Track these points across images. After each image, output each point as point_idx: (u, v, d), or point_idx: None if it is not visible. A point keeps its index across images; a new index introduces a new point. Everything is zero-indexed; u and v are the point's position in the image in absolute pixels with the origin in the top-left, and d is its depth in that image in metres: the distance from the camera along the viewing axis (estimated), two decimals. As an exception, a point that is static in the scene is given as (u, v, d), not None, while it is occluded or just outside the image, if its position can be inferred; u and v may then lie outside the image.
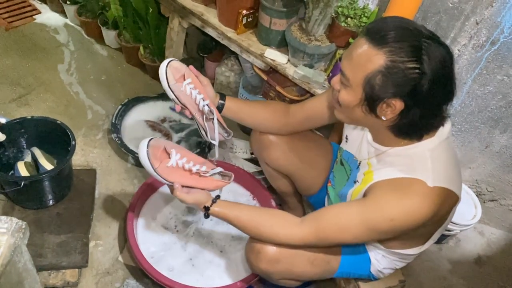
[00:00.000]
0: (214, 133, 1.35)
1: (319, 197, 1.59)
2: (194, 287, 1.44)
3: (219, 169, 1.31)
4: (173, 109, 2.16)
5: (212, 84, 2.19)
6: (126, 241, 1.68)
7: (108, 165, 1.95)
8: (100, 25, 2.42)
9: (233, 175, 1.34)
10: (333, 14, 1.60)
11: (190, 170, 1.25)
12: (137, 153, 1.24)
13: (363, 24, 1.56)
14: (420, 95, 0.98)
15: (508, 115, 1.65)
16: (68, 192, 1.73)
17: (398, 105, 1.00)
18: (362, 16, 1.56)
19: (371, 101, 1.02)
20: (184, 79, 1.30)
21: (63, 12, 2.63)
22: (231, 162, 1.93)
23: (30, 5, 2.66)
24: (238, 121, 1.49)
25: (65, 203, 1.70)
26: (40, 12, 2.65)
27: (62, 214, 1.67)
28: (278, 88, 1.82)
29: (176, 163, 1.24)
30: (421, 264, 1.81)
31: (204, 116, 1.33)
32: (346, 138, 1.34)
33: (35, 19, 2.61)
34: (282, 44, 1.76)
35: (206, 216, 1.27)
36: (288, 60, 1.74)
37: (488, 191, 1.91)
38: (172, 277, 1.47)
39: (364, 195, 1.16)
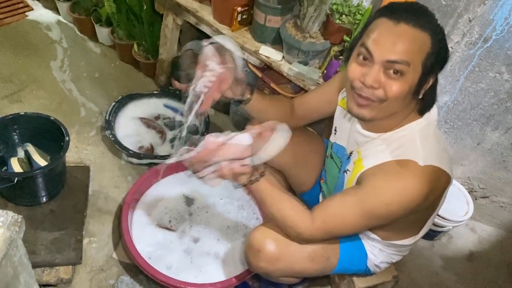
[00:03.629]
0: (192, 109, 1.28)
1: (312, 195, 1.59)
2: (188, 282, 1.44)
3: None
4: (167, 106, 2.15)
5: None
6: (120, 238, 1.68)
7: (102, 162, 1.94)
8: (94, 22, 2.41)
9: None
10: (328, 11, 1.61)
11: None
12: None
13: (357, 22, 1.57)
14: (445, 65, 1.06)
15: (500, 112, 1.67)
16: (61, 189, 1.71)
17: (431, 80, 1.06)
18: (357, 13, 1.57)
19: (422, 83, 1.05)
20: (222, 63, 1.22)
21: (55, 9, 2.61)
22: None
23: (22, 2, 2.64)
24: (256, 116, 1.42)
25: (58, 200, 1.69)
26: (32, 9, 2.62)
27: (56, 211, 1.66)
28: (272, 85, 1.82)
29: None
30: (414, 261, 1.83)
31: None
32: (335, 130, 1.35)
33: (27, 16, 2.58)
34: (277, 41, 1.77)
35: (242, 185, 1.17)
36: (283, 57, 1.75)
37: (480, 188, 1.93)
38: (171, 274, 1.47)
39: (357, 183, 1.17)
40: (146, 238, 1.64)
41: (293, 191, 1.72)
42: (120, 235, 1.64)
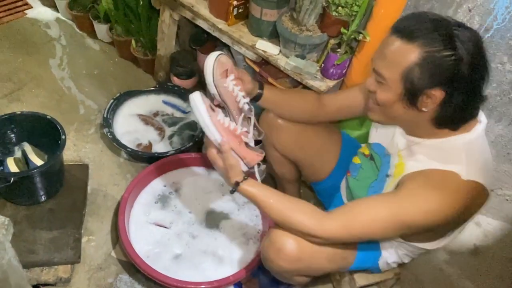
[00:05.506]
0: (249, 132, 1.34)
1: (325, 185, 1.57)
2: (186, 281, 1.43)
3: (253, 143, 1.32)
4: (166, 103, 2.14)
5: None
6: (118, 236, 1.67)
7: (101, 160, 1.94)
8: (92, 19, 2.39)
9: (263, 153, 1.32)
10: (324, 4, 1.57)
11: (235, 130, 1.27)
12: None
13: (354, 13, 1.53)
14: (460, 81, 1.00)
15: (503, 103, 1.62)
16: (60, 187, 1.71)
17: (438, 94, 1.01)
18: (354, 5, 1.53)
19: (412, 95, 1.04)
20: (227, 75, 1.29)
21: (54, 7, 2.60)
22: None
23: (21, 0, 2.63)
24: (272, 110, 1.48)
25: (57, 198, 1.69)
26: (31, 7, 2.62)
27: (54, 210, 1.66)
28: (270, 79, 1.79)
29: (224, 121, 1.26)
30: (417, 256, 1.80)
31: (243, 114, 1.32)
32: (376, 130, 1.34)
33: (26, 14, 2.58)
34: (274, 35, 1.73)
35: (232, 191, 1.24)
36: (280, 51, 1.71)
37: (484, 181, 1.89)
38: (169, 273, 1.45)
39: (396, 187, 1.14)
40: (144, 236, 1.63)
41: (299, 184, 1.72)
42: (118, 234, 1.63)
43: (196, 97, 1.22)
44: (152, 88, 2.15)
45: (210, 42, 2.14)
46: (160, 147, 1.96)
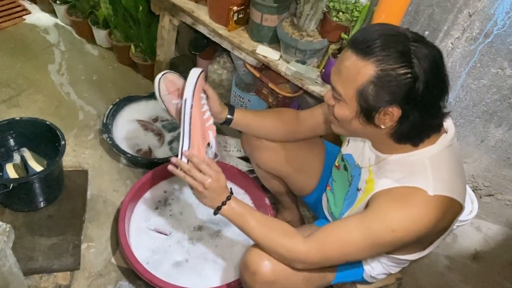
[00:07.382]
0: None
1: (313, 198, 1.56)
2: (187, 287, 1.42)
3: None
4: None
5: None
6: (118, 242, 1.66)
7: (100, 166, 1.93)
8: (91, 25, 2.39)
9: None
10: (325, 9, 1.58)
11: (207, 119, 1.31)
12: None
13: (354, 19, 1.54)
14: (416, 99, 0.96)
15: (503, 108, 1.63)
16: (59, 194, 1.70)
17: (395, 112, 0.98)
18: (354, 10, 1.54)
19: (367, 112, 1.01)
20: (180, 94, 1.30)
21: (53, 12, 2.60)
22: (225, 161, 1.91)
23: (19, 6, 2.63)
24: (247, 133, 1.48)
25: (56, 205, 1.68)
26: (30, 13, 2.62)
27: (54, 216, 1.65)
28: (270, 85, 1.79)
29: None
30: (418, 261, 1.78)
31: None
32: (348, 142, 1.32)
33: (24, 19, 2.58)
34: (274, 40, 1.74)
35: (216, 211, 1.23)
36: (280, 56, 1.72)
37: (485, 186, 1.90)
38: (169, 279, 1.44)
39: (367, 205, 1.13)
40: (144, 243, 1.62)
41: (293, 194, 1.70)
42: (118, 240, 1.62)
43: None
44: (151, 94, 2.14)
45: (209, 47, 2.15)
46: (160, 152, 1.96)
